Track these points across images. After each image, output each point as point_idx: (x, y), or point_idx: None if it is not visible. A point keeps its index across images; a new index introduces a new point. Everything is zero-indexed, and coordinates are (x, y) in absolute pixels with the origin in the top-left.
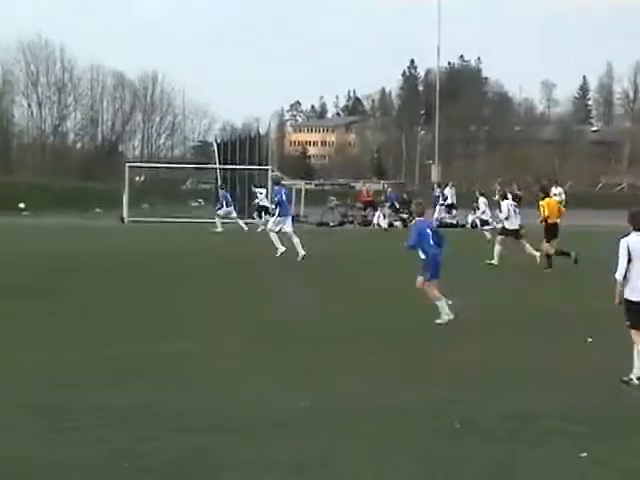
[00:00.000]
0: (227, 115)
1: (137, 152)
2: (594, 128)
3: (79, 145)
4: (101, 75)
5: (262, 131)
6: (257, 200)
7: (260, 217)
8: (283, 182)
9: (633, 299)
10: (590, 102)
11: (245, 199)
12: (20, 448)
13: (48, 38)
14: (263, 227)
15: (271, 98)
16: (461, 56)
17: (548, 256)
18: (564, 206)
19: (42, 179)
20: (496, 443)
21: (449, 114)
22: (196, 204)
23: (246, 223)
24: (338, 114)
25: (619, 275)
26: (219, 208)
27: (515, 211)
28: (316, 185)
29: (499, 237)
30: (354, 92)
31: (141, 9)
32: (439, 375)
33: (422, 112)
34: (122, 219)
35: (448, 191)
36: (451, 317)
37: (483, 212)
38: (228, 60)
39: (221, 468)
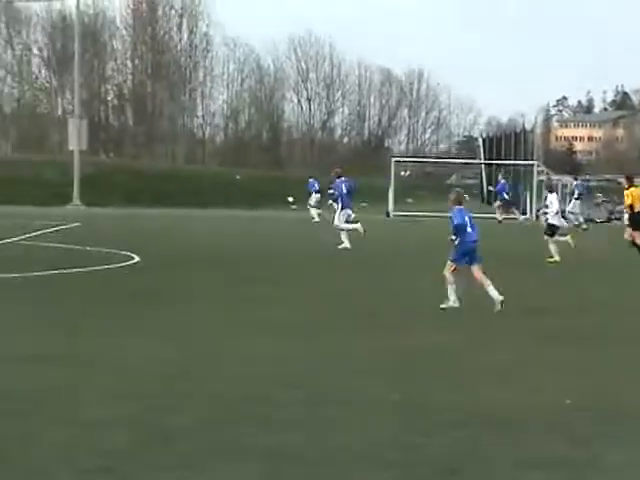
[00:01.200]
0: (492, 110)
1: (402, 147)
2: None
3: (346, 140)
4: (368, 71)
5: (527, 126)
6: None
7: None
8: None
9: None
10: None
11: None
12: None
13: (318, 35)
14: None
15: (537, 93)
16: None
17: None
18: None
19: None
20: None
21: None
22: None
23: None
24: (605, 109)
25: None
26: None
27: None
28: (582, 181)
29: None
30: (622, 87)
31: (403, 4)
32: None
33: None
34: (387, 213)
35: None
36: (456, 305)
37: None
38: (494, 56)
39: (493, 467)
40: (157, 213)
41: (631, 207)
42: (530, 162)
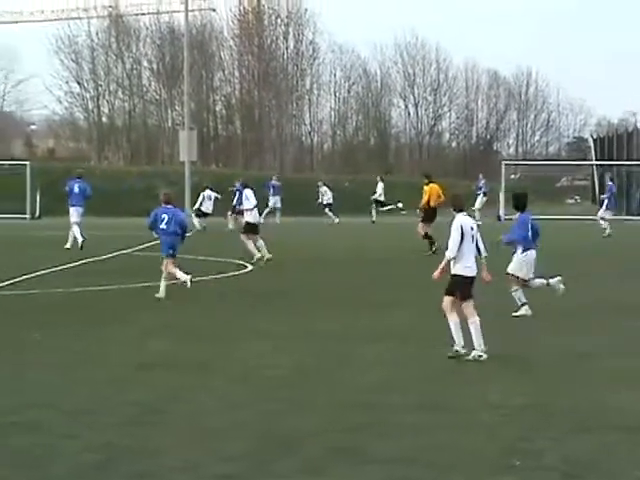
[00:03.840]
0: (603, 110)
1: (511, 150)
2: None
3: (454, 144)
4: (475, 74)
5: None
6: None
7: None
8: None
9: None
10: None
11: (621, 196)
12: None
13: (424, 38)
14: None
15: None
16: None
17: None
18: None
19: (418, 179)
20: None
21: None
22: (572, 201)
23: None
24: None
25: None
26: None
27: None
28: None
29: None
30: None
31: (514, 5)
32: None
33: None
34: (499, 217)
35: None
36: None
37: None
38: (602, 53)
39: (618, 474)
40: (268, 221)
41: (427, 202)
42: None
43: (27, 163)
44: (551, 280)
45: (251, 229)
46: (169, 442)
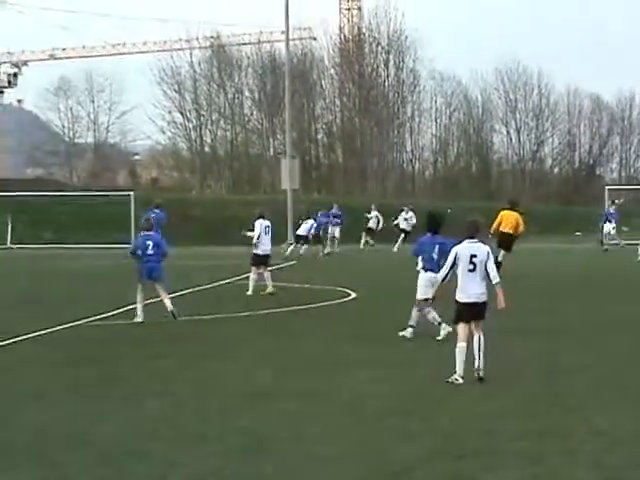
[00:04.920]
0: None
1: (615, 174)
2: None
3: (557, 170)
4: (578, 99)
5: None
6: None
7: None
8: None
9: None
10: None
11: None
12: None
13: (525, 64)
14: None
15: None
16: None
17: None
18: None
19: (523, 204)
20: None
21: None
22: None
23: None
24: None
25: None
26: None
27: None
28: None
29: None
30: None
31: (615, 29)
32: None
33: None
34: (602, 242)
35: None
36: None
37: None
38: None
39: None
40: (369, 249)
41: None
42: None
43: (131, 193)
44: (444, 325)
45: (260, 261)
46: (276, 470)
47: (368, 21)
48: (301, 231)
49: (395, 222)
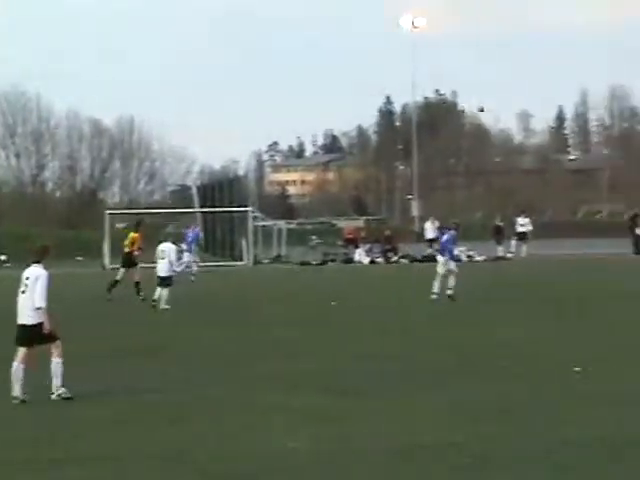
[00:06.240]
0: (205, 158)
1: (117, 198)
2: (572, 157)
3: (58, 194)
4: (78, 122)
5: (241, 172)
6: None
7: None
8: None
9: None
10: (567, 131)
11: (225, 242)
12: None
13: (24, 88)
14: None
15: (248, 140)
16: (436, 90)
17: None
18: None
19: (22, 229)
20: None
21: (427, 148)
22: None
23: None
24: (316, 153)
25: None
26: None
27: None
28: (297, 224)
29: None
30: (331, 130)
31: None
32: None
33: (400, 147)
34: (103, 266)
35: (429, 225)
36: None
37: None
38: (203, 102)
39: None
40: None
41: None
42: (245, 208)
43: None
44: None
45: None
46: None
47: None
48: None
49: None
